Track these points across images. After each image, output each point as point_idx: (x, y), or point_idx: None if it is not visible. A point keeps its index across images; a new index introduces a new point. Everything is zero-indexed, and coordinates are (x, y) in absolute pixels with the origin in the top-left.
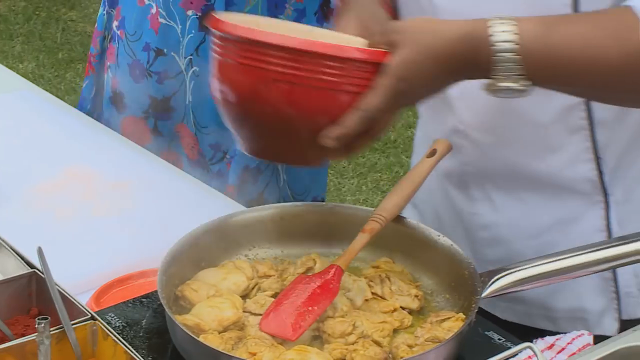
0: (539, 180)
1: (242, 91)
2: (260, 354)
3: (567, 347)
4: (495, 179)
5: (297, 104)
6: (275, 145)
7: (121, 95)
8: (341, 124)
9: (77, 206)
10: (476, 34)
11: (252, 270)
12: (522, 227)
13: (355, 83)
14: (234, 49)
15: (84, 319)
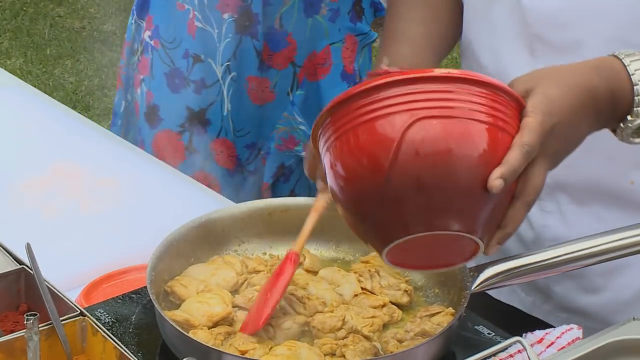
0: (617, 196)
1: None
2: (252, 350)
3: (556, 341)
4: (572, 191)
5: (457, 140)
6: (430, 213)
7: (156, 108)
8: (504, 162)
9: (65, 203)
10: (607, 64)
11: (242, 265)
12: None
13: (507, 120)
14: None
15: (73, 315)
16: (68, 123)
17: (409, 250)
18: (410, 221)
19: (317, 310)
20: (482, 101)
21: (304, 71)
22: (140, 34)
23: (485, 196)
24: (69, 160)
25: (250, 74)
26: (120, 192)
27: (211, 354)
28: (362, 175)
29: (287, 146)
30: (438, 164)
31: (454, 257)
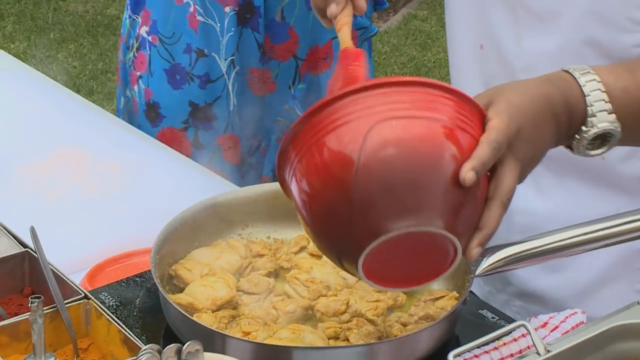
0: (590, 170)
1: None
2: (255, 333)
3: (560, 326)
4: (549, 162)
5: (420, 138)
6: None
7: (156, 105)
8: (473, 156)
9: (70, 186)
10: (558, 76)
11: (246, 249)
12: (563, 218)
13: (470, 124)
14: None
15: (78, 298)
16: (71, 107)
17: (386, 263)
18: (382, 223)
19: (321, 294)
20: (443, 105)
21: (306, 64)
22: (135, 29)
23: (457, 192)
24: (72, 144)
25: (252, 66)
26: (124, 176)
27: (215, 337)
28: (330, 185)
29: None
30: (403, 164)
31: (434, 267)
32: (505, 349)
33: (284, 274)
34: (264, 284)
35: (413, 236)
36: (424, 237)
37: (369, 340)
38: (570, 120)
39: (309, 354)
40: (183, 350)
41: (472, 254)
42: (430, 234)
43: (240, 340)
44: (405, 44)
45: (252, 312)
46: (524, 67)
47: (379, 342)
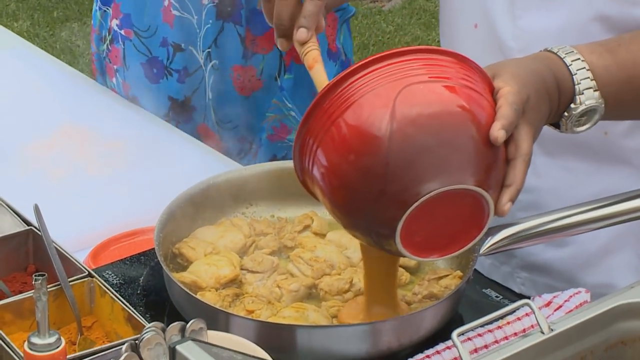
0: (590, 147)
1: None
2: (259, 312)
3: (564, 305)
4: (543, 142)
5: (448, 100)
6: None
7: (135, 99)
8: (500, 117)
9: (73, 165)
10: (545, 55)
11: (250, 228)
12: (563, 196)
13: (482, 90)
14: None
15: (81, 276)
16: (75, 85)
17: (420, 231)
18: (418, 185)
19: (325, 272)
20: (457, 71)
21: (290, 54)
22: (107, 21)
23: (486, 151)
24: (76, 123)
25: (235, 63)
26: (128, 154)
27: (219, 315)
28: (361, 155)
29: (279, 136)
30: (436, 124)
31: (466, 231)
32: (509, 327)
33: (288, 253)
34: (268, 263)
35: (446, 198)
36: (456, 199)
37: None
38: (560, 97)
39: (313, 333)
40: (187, 328)
41: (504, 209)
42: (463, 193)
43: (244, 319)
44: (409, 24)
45: (255, 290)
46: (520, 47)
47: (382, 321)
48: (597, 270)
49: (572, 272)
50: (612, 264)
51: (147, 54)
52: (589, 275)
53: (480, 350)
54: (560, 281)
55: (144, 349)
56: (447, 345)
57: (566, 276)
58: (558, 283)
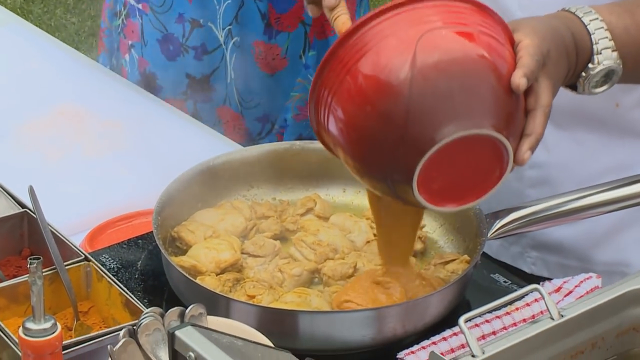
0: (600, 119)
1: None
2: (260, 297)
3: (574, 290)
4: (553, 115)
5: (470, 45)
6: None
7: (153, 76)
8: (521, 65)
9: (68, 145)
10: (562, 14)
11: (251, 211)
12: (574, 170)
13: (506, 41)
14: None
15: (78, 260)
16: (71, 64)
17: (438, 179)
18: (438, 129)
19: (328, 257)
20: (478, 19)
21: (313, 30)
22: None
23: (507, 98)
24: (72, 102)
25: (257, 39)
26: (126, 135)
27: (219, 300)
28: (382, 99)
29: (304, 115)
30: (458, 69)
31: (484, 179)
32: (518, 314)
33: (290, 237)
34: (269, 247)
35: (465, 144)
36: (475, 146)
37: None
38: (578, 56)
39: (315, 318)
40: (186, 313)
41: (524, 158)
42: (482, 139)
43: (245, 304)
44: None
45: (257, 275)
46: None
47: (387, 307)
48: (609, 248)
49: (584, 250)
50: (624, 241)
51: (163, 30)
52: (600, 252)
53: (488, 337)
54: (572, 259)
55: (142, 335)
56: (453, 331)
57: (578, 254)
58: (570, 261)
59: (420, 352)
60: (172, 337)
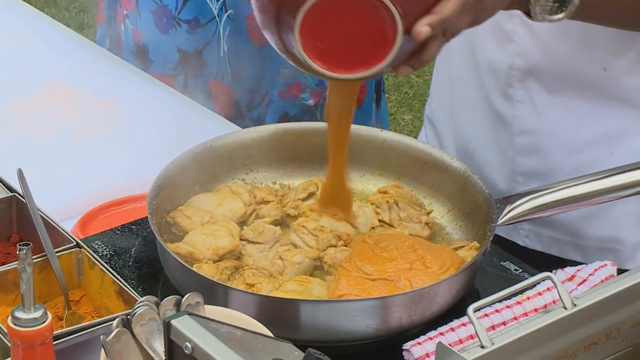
0: (590, 84)
1: None
2: (259, 285)
3: (589, 279)
4: (543, 78)
5: None
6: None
7: (145, 49)
8: (437, 11)
9: (61, 126)
10: None
11: (250, 195)
12: (564, 138)
13: None
14: None
15: (69, 246)
16: (62, 41)
17: (326, 37)
18: None
19: (330, 244)
20: None
21: None
22: None
23: None
24: (63, 81)
25: (250, 12)
26: (120, 116)
27: (217, 289)
28: None
29: (291, 93)
30: None
31: (377, 49)
32: (529, 303)
33: (291, 222)
34: (269, 233)
35: (352, 4)
36: (364, 9)
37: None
38: None
39: (317, 308)
40: (182, 302)
41: (420, 31)
42: (370, 3)
43: (244, 293)
44: None
45: (256, 262)
46: None
47: (392, 296)
48: (601, 222)
49: (576, 224)
50: (616, 215)
51: (156, 1)
52: (593, 227)
53: (498, 327)
54: (564, 234)
55: (137, 325)
56: (462, 322)
57: (570, 228)
58: (562, 236)
59: (426, 343)
60: (168, 327)
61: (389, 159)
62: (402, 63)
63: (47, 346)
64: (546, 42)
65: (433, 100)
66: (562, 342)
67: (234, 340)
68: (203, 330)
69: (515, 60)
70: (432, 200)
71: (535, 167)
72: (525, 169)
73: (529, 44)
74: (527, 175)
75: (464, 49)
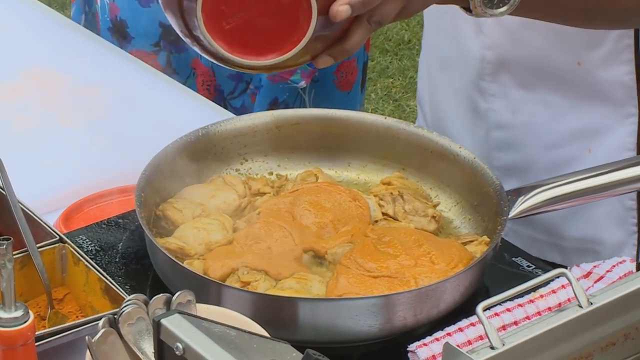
0: (564, 78)
1: None
2: (255, 283)
3: (606, 275)
4: (516, 71)
5: None
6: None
7: (123, 24)
8: None
9: (42, 114)
10: None
11: (244, 187)
12: (541, 133)
13: None
14: None
15: (52, 241)
16: (43, 22)
17: (232, 18)
18: None
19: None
20: None
21: None
22: None
23: None
24: (44, 65)
25: None
26: (106, 102)
27: (209, 286)
28: None
29: (281, 77)
30: None
31: (290, 33)
32: (542, 301)
33: None
34: None
35: None
36: None
37: None
38: None
39: (317, 307)
40: (172, 301)
41: (338, 9)
42: None
43: (238, 291)
44: None
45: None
46: None
47: (396, 293)
48: (581, 222)
49: (555, 223)
50: (597, 214)
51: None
52: (573, 226)
53: (509, 327)
54: (543, 233)
55: (124, 325)
56: (470, 321)
57: (548, 227)
58: (541, 235)
59: (433, 345)
60: (158, 326)
61: (393, 148)
62: (322, 53)
63: (29, 347)
64: (516, 34)
65: (419, 85)
66: (578, 342)
67: (228, 340)
68: (195, 330)
69: (486, 53)
70: (439, 192)
71: (512, 163)
72: (501, 163)
73: (498, 35)
74: (503, 170)
75: (447, 29)
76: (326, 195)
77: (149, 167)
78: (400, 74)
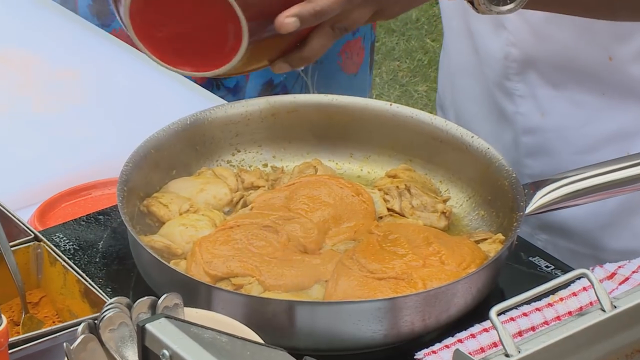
0: (594, 74)
1: None
2: (249, 286)
3: (632, 277)
4: (544, 70)
5: None
6: None
7: (104, 1)
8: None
9: (15, 99)
10: None
11: (237, 180)
12: (573, 137)
13: None
14: None
15: (26, 239)
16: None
17: (163, 26)
18: None
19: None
20: None
21: None
22: None
23: None
24: (20, 46)
25: None
26: (86, 87)
27: (199, 289)
28: None
29: None
30: None
31: (221, 48)
32: (562, 305)
33: None
34: None
35: None
36: None
37: None
38: None
39: (316, 311)
40: (158, 304)
41: (283, 22)
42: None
43: (230, 294)
44: None
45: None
46: None
47: (403, 296)
48: (622, 233)
49: (593, 233)
50: (638, 224)
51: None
52: (612, 238)
53: (526, 333)
54: (582, 245)
55: (105, 330)
56: (484, 327)
57: (587, 239)
58: (580, 247)
59: (443, 352)
60: (143, 332)
61: (399, 138)
62: (278, 59)
63: (2, 355)
64: (541, 29)
65: (439, 88)
66: (600, 349)
67: (219, 347)
68: (183, 336)
69: (511, 51)
70: (449, 186)
71: (544, 170)
72: (534, 171)
73: (523, 32)
74: (536, 179)
75: (462, 32)
76: (326, 189)
77: (132, 158)
78: (408, 56)
